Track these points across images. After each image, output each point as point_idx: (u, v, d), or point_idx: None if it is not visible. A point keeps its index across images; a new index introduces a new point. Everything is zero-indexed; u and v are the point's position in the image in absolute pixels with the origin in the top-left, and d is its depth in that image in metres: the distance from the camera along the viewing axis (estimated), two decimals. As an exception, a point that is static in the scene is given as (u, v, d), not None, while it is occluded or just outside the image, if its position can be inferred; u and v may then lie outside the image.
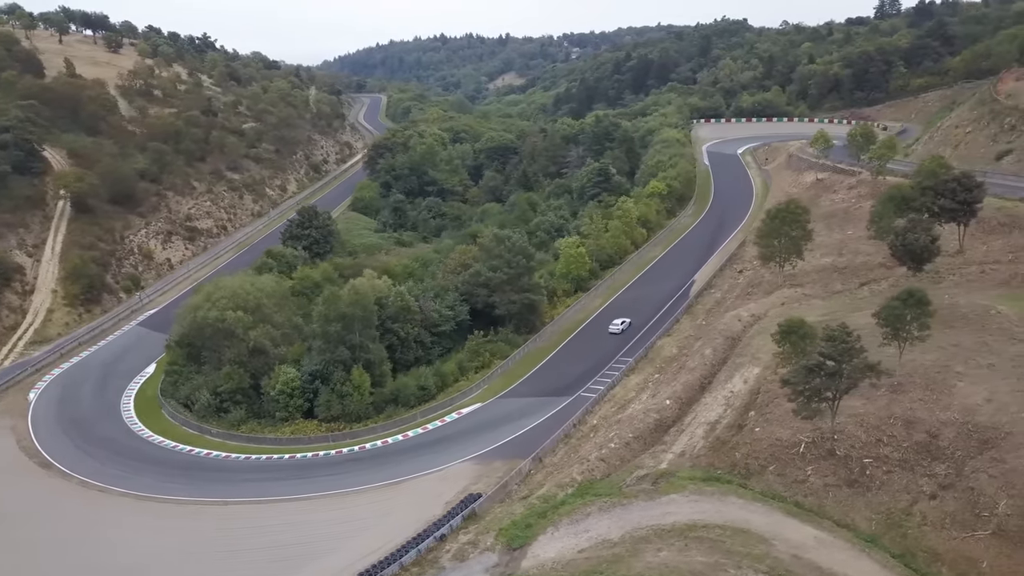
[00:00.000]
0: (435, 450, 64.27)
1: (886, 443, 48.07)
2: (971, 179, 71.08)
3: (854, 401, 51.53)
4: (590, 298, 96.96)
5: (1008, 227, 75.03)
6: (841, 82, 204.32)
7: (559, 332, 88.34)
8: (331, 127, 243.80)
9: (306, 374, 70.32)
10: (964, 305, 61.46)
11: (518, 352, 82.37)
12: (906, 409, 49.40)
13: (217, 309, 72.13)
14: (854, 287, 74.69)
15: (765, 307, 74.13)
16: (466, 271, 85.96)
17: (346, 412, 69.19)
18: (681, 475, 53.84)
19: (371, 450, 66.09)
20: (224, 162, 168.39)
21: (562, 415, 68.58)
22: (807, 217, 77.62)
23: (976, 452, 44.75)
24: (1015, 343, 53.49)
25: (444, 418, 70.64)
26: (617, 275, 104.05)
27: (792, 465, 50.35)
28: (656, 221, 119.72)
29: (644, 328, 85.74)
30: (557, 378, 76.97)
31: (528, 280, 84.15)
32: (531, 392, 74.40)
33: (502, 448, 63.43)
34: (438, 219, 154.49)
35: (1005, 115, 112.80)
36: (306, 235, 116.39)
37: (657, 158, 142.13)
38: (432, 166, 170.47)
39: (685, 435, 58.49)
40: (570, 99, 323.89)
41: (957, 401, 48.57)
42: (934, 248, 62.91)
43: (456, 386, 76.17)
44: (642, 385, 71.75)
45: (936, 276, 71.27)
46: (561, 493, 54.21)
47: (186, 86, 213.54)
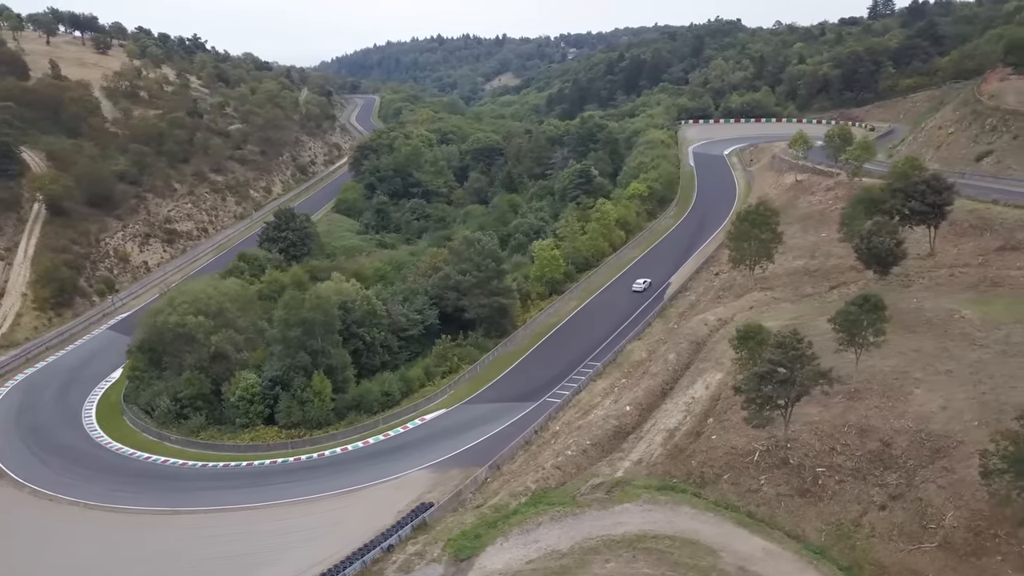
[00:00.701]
0: (394, 457, 63.31)
1: (839, 452, 47.15)
2: (941, 181, 70.15)
3: (810, 408, 50.65)
4: (564, 301, 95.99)
5: (979, 229, 74.08)
6: (830, 82, 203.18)
7: (531, 336, 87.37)
8: (320, 128, 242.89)
9: (266, 380, 69.36)
10: (929, 309, 60.54)
11: (487, 356, 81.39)
12: (861, 417, 48.47)
13: (178, 314, 71.18)
14: (824, 290, 73.74)
15: (733, 311, 73.19)
16: (436, 274, 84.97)
17: (307, 418, 68.20)
18: (636, 484, 52.91)
19: (330, 457, 65.12)
20: (208, 164, 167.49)
21: (526, 421, 67.59)
22: (776, 220, 76.65)
23: (928, 461, 43.81)
24: (975, 349, 52.54)
25: (407, 424, 69.70)
26: (594, 277, 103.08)
27: (746, 474, 49.42)
28: (636, 223, 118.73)
29: (616, 331, 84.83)
30: (525, 383, 75.99)
31: (498, 284, 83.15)
32: (497, 397, 73.43)
33: (461, 455, 62.45)
34: (422, 221, 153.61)
35: (987, 116, 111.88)
36: (282, 238, 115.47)
37: (639, 159, 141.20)
38: (417, 167, 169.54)
39: (644, 442, 57.56)
40: (562, 100, 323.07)
41: (912, 409, 47.64)
42: (899, 252, 61.93)
43: (422, 392, 75.18)
44: (608, 390, 70.78)
45: (906, 279, 70.34)
46: (514, 502, 53.26)
47: (173, 87, 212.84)
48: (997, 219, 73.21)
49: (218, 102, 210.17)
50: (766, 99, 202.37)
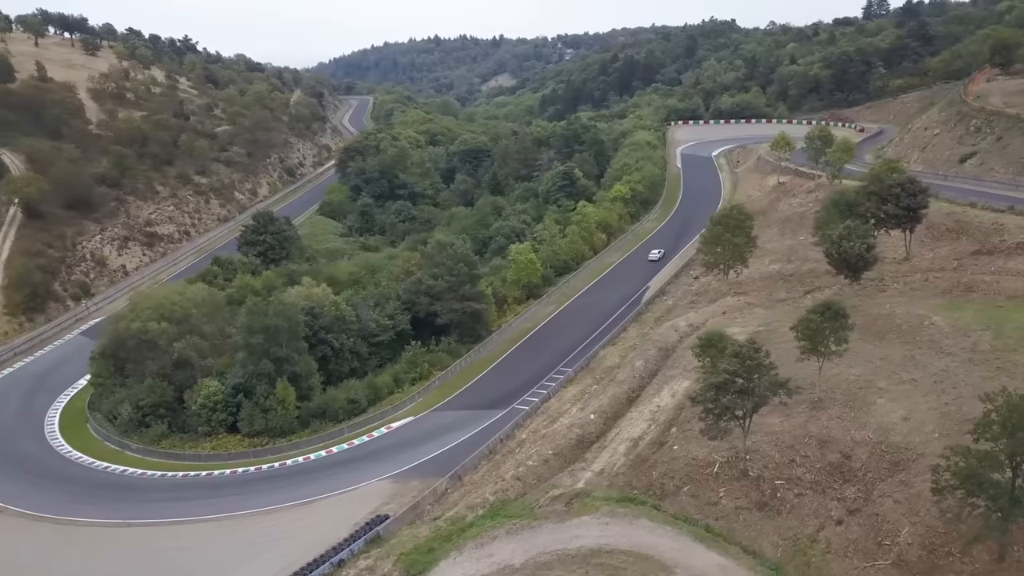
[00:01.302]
0: (356, 467, 62.08)
1: (799, 463, 45.91)
2: (915, 184, 68.96)
3: (772, 418, 49.43)
4: (542, 305, 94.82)
5: (956, 233, 72.90)
6: (821, 83, 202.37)
7: (505, 341, 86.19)
8: (309, 130, 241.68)
9: (229, 387, 68.14)
10: (900, 315, 59.29)
11: (459, 363, 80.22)
12: (822, 427, 47.25)
13: (140, 320, 69.99)
14: (799, 295, 72.54)
15: (705, 316, 71.96)
16: (409, 279, 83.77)
17: (270, 427, 67.02)
18: (596, 495, 51.61)
19: (291, 467, 63.90)
20: (192, 166, 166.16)
21: (492, 429, 66.37)
22: (750, 224, 75.43)
23: (887, 474, 42.58)
24: (942, 357, 51.30)
25: (372, 433, 68.46)
26: (573, 281, 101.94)
27: (706, 486, 48.16)
28: (618, 226, 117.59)
29: (591, 336, 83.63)
30: (496, 389, 74.80)
31: (471, 288, 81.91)
32: (466, 405, 72.25)
33: (424, 465, 61.21)
34: (407, 223, 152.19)
35: (971, 117, 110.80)
36: (261, 241, 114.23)
37: (623, 161, 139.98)
38: (403, 169, 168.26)
39: (607, 452, 56.31)
40: (556, 100, 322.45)
41: (874, 419, 46.41)
42: (870, 257, 60.68)
43: (390, 399, 74.00)
44: (578, 396, 69.54)
45: (880, 284, 69.17)
46: (471, 515, 51.99)
47: (161, 89, 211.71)
48: (974, 222, 72.01)
49: (205, 104, 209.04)
50: (756, 100, 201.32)
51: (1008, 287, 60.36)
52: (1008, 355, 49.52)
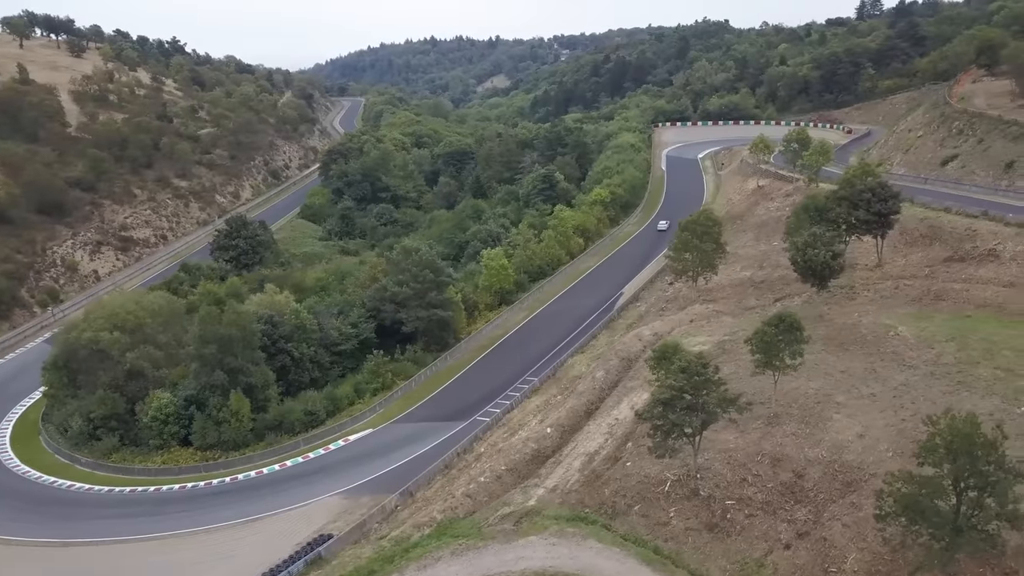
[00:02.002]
0: (308, 482, 60.28)
1: (751, 483, 44.13)
2: (886, 189, 67.22)
3: (727, 434, 47.71)
4: (514, 312, 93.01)
5: (929, 239, 71.14)
6: (810, 84, 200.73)
7: (474, 349, 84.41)
8: (296, 132, 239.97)
9: (181, 399, 66.32)
10: (866, 325, 57.53)
11: (425, 372, 78.41)
12: (776, 444, 45.48)
13: (92, 330, 68.18)
14: (768, 303, 70.79)
15: (672, 325, 70.17)
16: (374, 285, 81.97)
17: (223, 440, 65.19)
18: (547, 514, 49.77)
19: (243, 482, 62.05)
20: (173, 169, 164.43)
21: (452, 442, 64.57)
22: (719, 230, 73.67)
23: (838, 495, 40.82)
24: (904, 370, 49.54)
25: (329, 446, 66.61)
26: (547, 287, 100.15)
27: (657, 505, 46.37)
28: (596, 230, 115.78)
29: (561, 343, 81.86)
30: (459, 400, 72.99)
31: (437, 295, 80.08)
32: (427, 416, 70.43)
33: (377, 480, 59.44)
34: (388, 226, 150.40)
35: (954, 119, 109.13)
36: (233, 246, 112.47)
37: (604, 164, 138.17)
38: (386, 172, 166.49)
39: (562, 467, 54.52)
40: (547, 102, 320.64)
41: (829, 436, 44.64)
42: (835, 265, 58.89)
43: (350, 410, 72.16)
44: (541, 408, 67.72)
45: (851, 292, 67.44)
46: (417, 534, 50.17)
47: (145, 91, 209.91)
48: (947, 228, 70.26)
49: (190, 106, 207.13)
50: (744, 101, 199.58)
51: (977, 296, 58.64)
52: (970, 368, 47.78)
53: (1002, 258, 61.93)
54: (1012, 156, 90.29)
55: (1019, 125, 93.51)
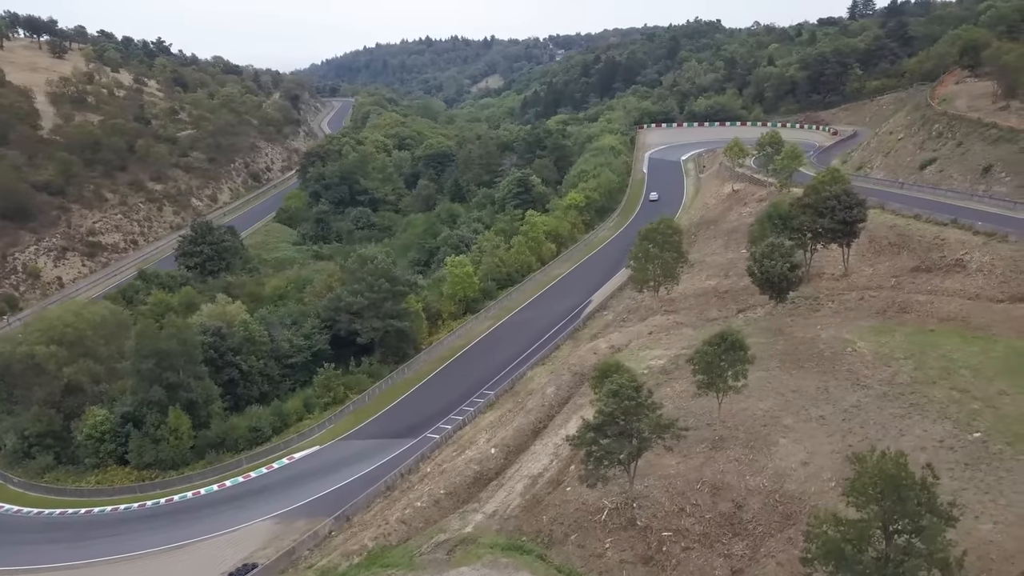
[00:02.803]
0: (245, 504, 57.73)
1: (689, 513, 41.61)
2: (851, 196, 64.68)
3: (669, 459, 45.21)
4: (479, 320, 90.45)
5: (897, 247, 68.60)
6: (798, 85, 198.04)
7: (433, 360, 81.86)
8: (280, 133, 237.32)
9: (118, 416, 63.76)
10: (825, 340, 55.03)
11: (380, 385, 75.86)
12: (718, 471, 42.95)
13: (27, 343, 65.63)
14: (731, 314, 68.20)
15: (630, 337, 67.64)
16: (329, 295, 79.43)
17: (160, 458, 62.66)
18: (483, 542, 47.26)
19: (178, 503, 59.49)
20: (148, 172, 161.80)
21: (399, 460, 62.04)
22: (679, 238, 71.13)
23: (776, 529, 38.33)
24: (857, 390, 47.02)
25: (273, 464, 64.05)
26: (515, 294, 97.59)
27: (593, 535, 43.81)
28: (570, 235, 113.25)
29: (524, 354, 79.34)
30: (413, 415, 70.44)
31: (393, 305, 77.50)
32: (377, 432, 67.89)
33: (316, 503, 56.87)
34: (366, 230, 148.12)
35: (934, 121, 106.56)
36: (198, 252, 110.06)
37: (581, 168, 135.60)
38: (364, 175, 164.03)
39: (503, 491, 51.98)
40: (537, 102, 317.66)
41: (773, 463, 42.13)
42: (793, 277, 56.34)
43: (299, 426, 69.63)
44: (495, 424, 65.13)
45: (815, 303, 64.90)
46: (345, 563, 47.72)
47: (125, 92, 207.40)
48: (915, 236, 67.73)
49: (169, 107, 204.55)
50: (731, 102, 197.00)
51: (941, 309, 56.11)
52: (925, 389, 45.28)
53: (968, 268, 59.44)
54: (990, 160, 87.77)
55: (998, 128, 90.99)
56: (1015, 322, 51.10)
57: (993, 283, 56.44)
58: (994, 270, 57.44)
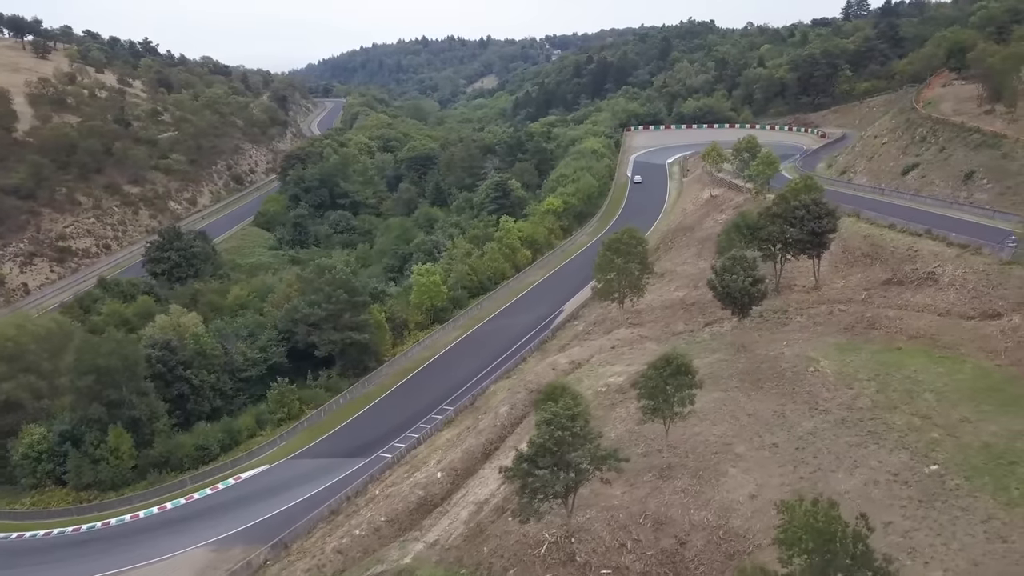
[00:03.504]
0: (183, 529, 55.24)
1: (630, 549, 39.06)
2: (821, 206, 62.14)
3: (615, 488, 42.62)
4: (447, 331, 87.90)
5: (870, 258, 66.06)
6: (787, 86, 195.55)
7: (396, 372, 79.34)
8: (265, 135, 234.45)
9: (56, 434, 61.19)
10: (788, 359, 52.51)
11: (338, 399, 73.33)
12: (662, 503, 40.42)
13: (-37, 359, 63.08)
14: (698, 327, 65.66)
15: (592, 351, 65.09)
16: (286, 305, 76.86)
17: (100, 479, 60.10)
18: (421, 574, 44.90)
19: (115, 527, 56.96)
20: (125, 175, 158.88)
21: (350, 481, 59.61)
22: (643, 249, 68.55)
23: (718, 570, 35.80)
24: (815, 415, 44.48)
25: (218, 484, 61.51)
26: (487, 303, 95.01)
27: (531, 570, 41.18)
28: (546, 241, 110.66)
29: (486, 369, 76.80)
30: (368, 432, 67.97)
31: (352, 317, 74.92)
32: (330, 450, 65.38)
33: (256, 528, 54.44)
34: (345, 234, 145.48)
35: (918, 125, 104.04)
36: (165, 258, 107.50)
37: (561, 172, 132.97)
38: (345, 178, 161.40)
39: (447, 518, 49.50)
40: (528, 103, 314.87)
41: (720, 496, 39.59)
42: (755, 292, 53.75)
43: (249, 443, 67.10)
44: (452, 442, 62.60)
45: (784, 316, 62.38)
46: (275, 597, 45.30)
47: (107, 93, 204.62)
48: (889, 247, 65.19)
49: (152, 108, 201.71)
50: (719, 104, 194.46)
51: (910, 325, 53.59)
52: (885, 414, 42.76)
53: (940, 282, 56.93)
54: (972, 166, 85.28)
55: (981, 133, 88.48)
56: (984, 341, 48.60)
57: (964, 298, 53.94)
58: (966, 284, 54.93)
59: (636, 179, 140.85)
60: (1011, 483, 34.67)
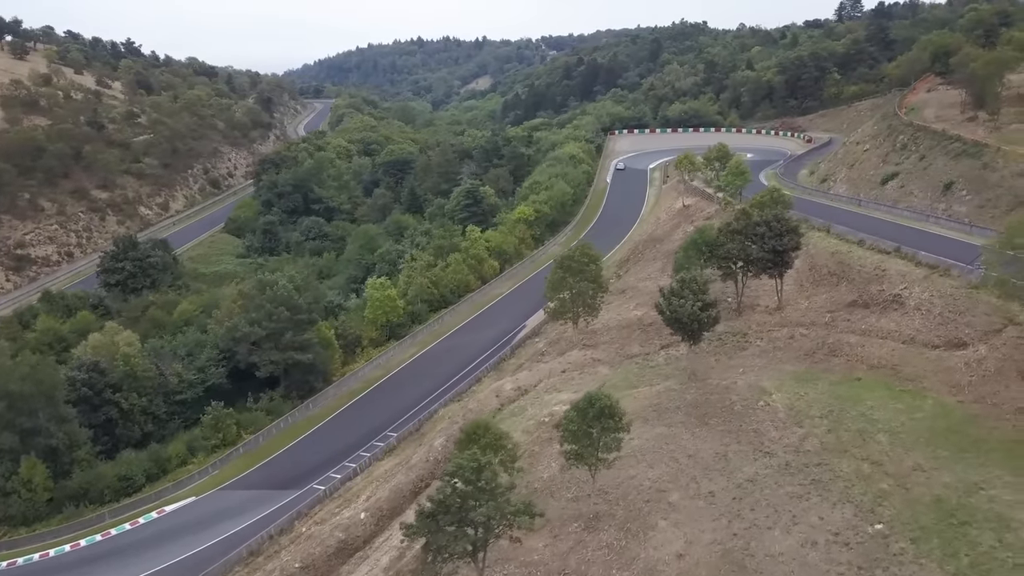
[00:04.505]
0: (93, 570, 51.59)
1: (545, 613, 35.35)
2: (783, 222, 58.39)
3: (537, 540, 38.82)
4: (403, 348, 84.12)
5: (837, 277, 62.24)
6: (775, 89, 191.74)
7: (344, 394, 75.55)
8: (246, 138, 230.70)
9: (-37, 465, 57.44)
10: (740, 390, 48.69)
11: (279, 423, 69.53)
12: (583, 561, 36.60)
13: None
14: (653, 350, 61.82)
15: (541, 376, 61.30)
16: (226, 324, 73.09)
17: (9, 514, 56.31)
18: (330, 630, 41.20)
19: (22, 567, 53.17)
20: (94, 179, 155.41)
21: (278, 515, 55.87)
22: (597, 267, 64.74)
23: (634, 643, 32.04)
24: (759, 458, 40.67)
25: (139, 519, 57.65)
26: (448, 317, 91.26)
27: (443, 630, 37.55)
28: (515, 251, 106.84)
29: (439, 389, 73.05)
30: (306, 460, 64.22)
31: (295, 336, 71.10)
32: (263, 481, 61.61)
33: (172, 569, 50.83)
34: (318, 241, 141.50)
35: (899, 132, 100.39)
36: (119, 269, 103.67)
37: (535, 179, 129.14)
38: (319, 182, 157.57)
39: (367, 565, 45.78)
40: (517, 105, 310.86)
41: (646, 553, 35.78)
42: (705, 318, 49.91)
43: (179, 472, 63.27)
44: (388, 475, 58.75)
45: (743, 340, 58.58)
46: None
47: (83, 95, 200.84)
48: (856, 265, 61.37)
49: (128, 111, 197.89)
50: (705, 107, 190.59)
51: (872, 354, 49.84)
52: (834, 459, 38.97)
53: (906, 306, 53.13)
54: (952, 176, 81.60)
55: (962, 141, 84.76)
56: (947, 374, 44.83)
57: (930, 324, 50.16)
58: (932, 309, 51.15)
59: (619, 166, 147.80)
60: (961, 548, 30.90)
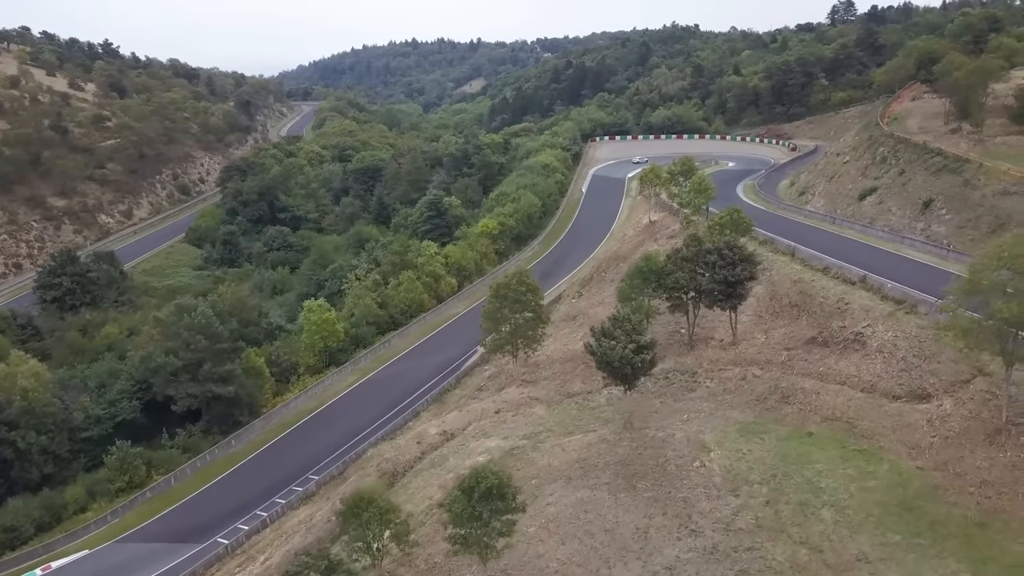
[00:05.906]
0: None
1: None
2: (736, 251, 52.85)
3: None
4: (343, 375, 78.41)
5: (798, 309, 56.66)
6: (761, 95, 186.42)
7: (272, 428, 69.90)
8: (222, 142, 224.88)
9: None
10: (675, 445, 43.13)
11: (196, 461, 63.88)
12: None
13: None
14: (596, 388, 56.13)
15: (471, 417, 55.69)
16: (140, 353, 67.43)
17: None
18: None
19: None
20: (53, 186, 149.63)
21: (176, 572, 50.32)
22: (536, 297, 59.12)
23: None
24: (683, 536, 35.08)
25: (21, 576, 52.13)
26: (396, 340, 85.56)
27: None
28: (476, 267, 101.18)
29: (371, 426, 67.37)
30: (217, 507, 58.61)
31: (214, 367, 65.40)
32: (165, 532, 56.04)
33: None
34: (282, 252, 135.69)
35: (880, 144, 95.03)
36: (56, 284, 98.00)
37: (502, 189, 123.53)
38: (286, 190, 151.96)
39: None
40: (505, 109, 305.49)
41: (537, 662, 30.23)
42: (639, 361, 44.31)
43: (76, 520, 57.67)
44: (294, 530, 53.00)
45: (692, 380, 53.07)
46: None
47: (49, 97, 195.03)
48: (819, 296, 55.85)
49: (95, 114, 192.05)
50: (689, 113, 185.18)
51: (827, 403, 44.29)
52: (768, 541, 33.41)
53: (868, 347, 47.58)
54: (931, 193, 76.32)
55: (943, 156, 79.43)
56: (906, 432, 39.28)
57: (892, 370, 44.59)
58: (896, 352, 45.61)
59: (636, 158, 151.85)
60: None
